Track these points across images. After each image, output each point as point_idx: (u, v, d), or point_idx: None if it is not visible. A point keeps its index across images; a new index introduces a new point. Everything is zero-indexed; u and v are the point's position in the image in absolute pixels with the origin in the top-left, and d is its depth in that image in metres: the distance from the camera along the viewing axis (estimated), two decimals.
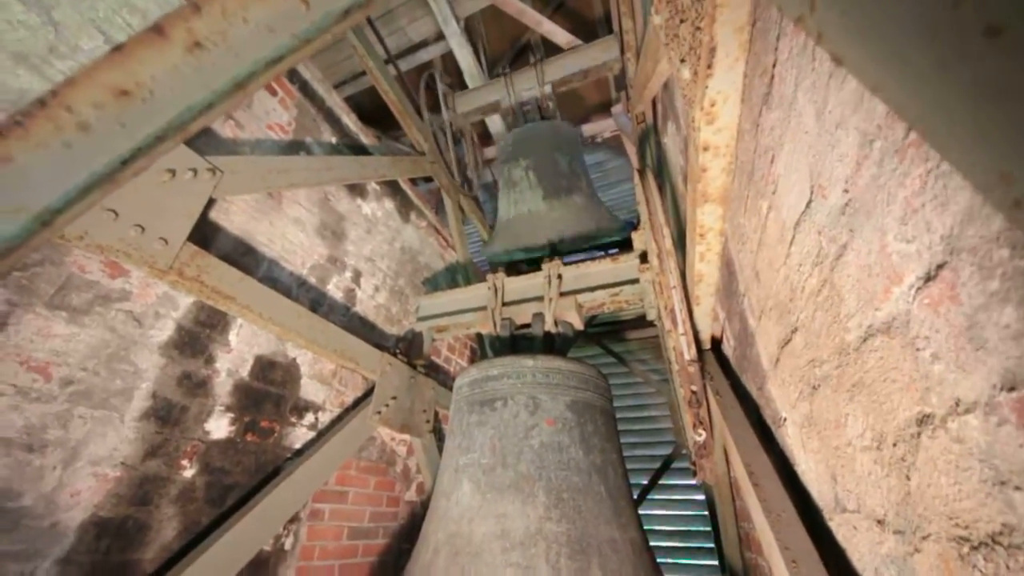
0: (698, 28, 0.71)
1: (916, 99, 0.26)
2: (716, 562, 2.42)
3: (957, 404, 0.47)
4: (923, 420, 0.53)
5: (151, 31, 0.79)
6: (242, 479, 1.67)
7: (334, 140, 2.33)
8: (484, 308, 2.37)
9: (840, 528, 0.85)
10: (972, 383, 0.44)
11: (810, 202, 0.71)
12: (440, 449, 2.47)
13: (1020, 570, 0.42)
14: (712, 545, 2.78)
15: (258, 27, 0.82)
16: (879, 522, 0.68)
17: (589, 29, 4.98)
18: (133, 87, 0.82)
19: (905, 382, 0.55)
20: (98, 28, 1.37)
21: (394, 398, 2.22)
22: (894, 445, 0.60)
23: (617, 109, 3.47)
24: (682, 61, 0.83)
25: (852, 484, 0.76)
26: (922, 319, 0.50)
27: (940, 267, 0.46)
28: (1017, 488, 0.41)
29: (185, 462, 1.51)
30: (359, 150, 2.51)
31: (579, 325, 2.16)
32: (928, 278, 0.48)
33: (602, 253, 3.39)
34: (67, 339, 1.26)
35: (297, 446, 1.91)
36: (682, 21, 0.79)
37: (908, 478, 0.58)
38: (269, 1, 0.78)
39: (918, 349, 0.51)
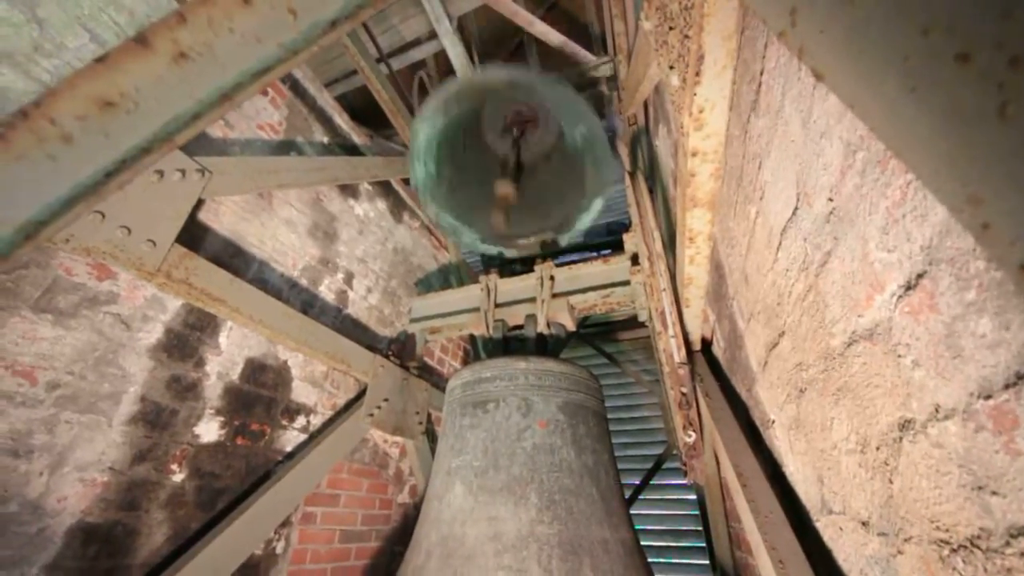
0: (686, 36, 0.72)
1: (890, 119, 0.26)
2: (707, 561, 2.44)
3: (937, 410, 0.48)
4: (905, 425, 0.54)
5: (135, 41, 0.78)
6: (232, 483, 1.66)
7: (326, 140, 2.32)
8: (477, 309, 2.37)
9: (826, 529, 0.86)
10: (951, 390, 0.45)
11: (796, 209, 0.72)
12: (433, 451, 2.46)
13: (997, 573, 0.43)
14: (703, 544, 2.80)
15: (244, 37, 0.82)
16: (864, 524, 0.69)
17: (582, 30, 4.99)
18: (117, 98, 0.81)
19: (887, 387, 0.56)
20: (84, 26, 1.36)
21: (386, 400, 2.22)
22: (877, 449, 0.61)
23: (610, 111, 3.49)
24: (671, 68, 0.84)
25: (838, 486, 0.77)
26: (903, 327, 0.51)
27: (920, 276, 0.46)
28: (994, 493, 0.42)
29: (174, 466, 1.49)
30: (351, 150, 2.50)
31: (571, 326, 2.17)
32: (909, 287, 0.49)
33: (594, 254, 3.40)
34: (53, 342, 1.24)
35: (288, 449, 1.90)
36: (671, 28, 0.80)
37: (891, 481, 0.60)
38: (256, 11, 0.77)
39: (899, 356, 0.52)
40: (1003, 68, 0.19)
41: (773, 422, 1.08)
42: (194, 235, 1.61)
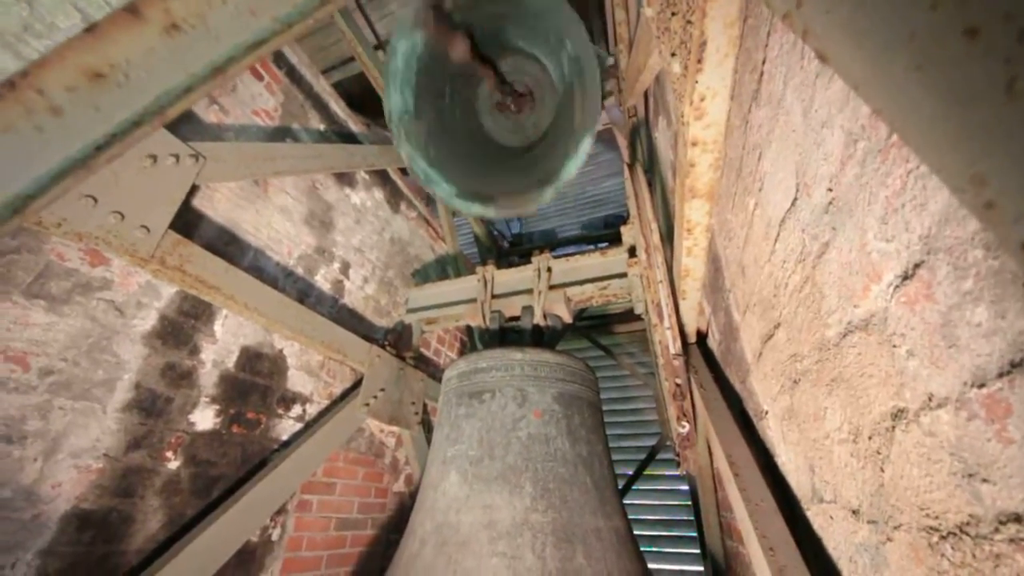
0: (689, 22, 0.71)
1: (895, 99, 0.26)
2: (698, 550, 2.47)
3: (930, 399, 0.48)
4: (897, 414, 0.55)
5: (126, 11, 0.76)
6: (228, 471, 1.66)
7: (322, 127, 2.29)
8: (474, 300, 2.37)
9: (817, 518, 0.87)
10: (944, 379, 0.45)
11: (795, 200, 0.72)
12: (429, 441, 2.47)
13: (986, 559, 0.44)
14: (695, 534, 2.84)
15: (238, 9, 0.80)
16: (854, 512, 0.70)
17: (582, 18, 4.94)
18: (107, 70, 0.79)
19: (881, 377, 0.57)
20: (75, 6, 1.33)
21: (383, 390, 2.22)
22: (869, 438, 0.62)
23: (610, 102, 3.47)
24: (673, 55, 0.83)
25: (829, 475, 0.78)
26: (899, 316, 0.51)
27: (917, 266, 0.46)
28: (984, 480, 0.42)
29: (169, 454, 1.49)
30: (348, 138, 2.47)
31: (568, 318, 2.17)
32: (906, 277, 0.49)
33: (592, 247, 3.40)
34: (46, 328, 1.23)
35: (284, 438, 1.90)
36: (673, 14, 0.79)
37: (882, 470, 0.60)
38: None
39: (894, 346, 0.53)
40: (1011, 42, 0.18)
41: (766, 413, 1.09)
42: (188, 222, 1.59)
